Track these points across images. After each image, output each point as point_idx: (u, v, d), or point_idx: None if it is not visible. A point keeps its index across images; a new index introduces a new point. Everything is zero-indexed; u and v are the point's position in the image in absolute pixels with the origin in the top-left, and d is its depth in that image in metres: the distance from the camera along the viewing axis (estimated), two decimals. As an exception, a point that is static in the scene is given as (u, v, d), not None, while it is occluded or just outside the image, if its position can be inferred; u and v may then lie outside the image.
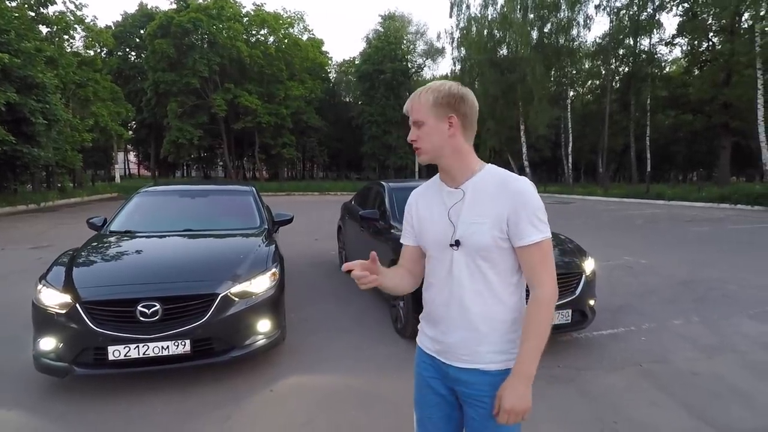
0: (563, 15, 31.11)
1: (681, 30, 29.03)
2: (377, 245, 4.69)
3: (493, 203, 1.19)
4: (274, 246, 3.75)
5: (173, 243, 3.80)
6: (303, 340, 3.81)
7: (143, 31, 38.18)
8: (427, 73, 47.00)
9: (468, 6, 33.32)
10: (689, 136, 35.83)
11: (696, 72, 30.08)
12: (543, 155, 38.45)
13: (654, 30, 30.53)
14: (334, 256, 7.38)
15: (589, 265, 3.82)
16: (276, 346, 3.28)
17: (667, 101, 31.86)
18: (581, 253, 3.93)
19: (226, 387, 2.97)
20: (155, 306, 2.78)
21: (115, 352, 2.71)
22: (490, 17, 32.33)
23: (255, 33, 40.14)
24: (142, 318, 2.76)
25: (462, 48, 33.65)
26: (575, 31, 31.59)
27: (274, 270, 3.34)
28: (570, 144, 32.85)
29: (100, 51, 32.91)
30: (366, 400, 2.85)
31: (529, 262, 1.20)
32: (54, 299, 2.82)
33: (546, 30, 31.92)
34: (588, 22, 31.62)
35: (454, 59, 35.18)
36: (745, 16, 24.50)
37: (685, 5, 28.09)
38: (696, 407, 2.75)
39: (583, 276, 3.67)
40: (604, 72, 34.03)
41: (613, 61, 33.04)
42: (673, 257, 7.38)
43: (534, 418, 2.55)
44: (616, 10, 31.02)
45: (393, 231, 4.44)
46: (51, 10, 21.42)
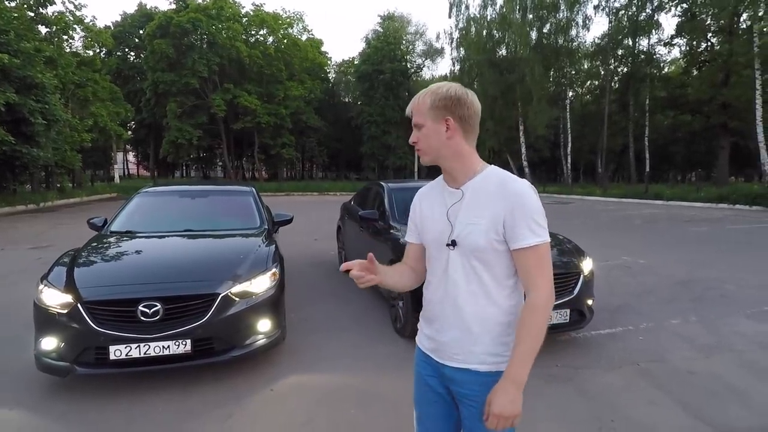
0: (562, 15, 31.20)
1: (680, 30, 29.08)
2: (377, 245, 4.70)
3: (491, 205, 1.19)
4: (274, 246, 3.77)
5: (174, 243, 3.81)
6: (303, 339, 3.83)
7: (142, 32, 38.18)
8: (427, 74, 47.12)
9: (467, 6, 33.49)
10: (688, 136, 35.85)
11: (695, 72, 30.13)
12: (542, 155, 38.54)
13: (653, 30, 30.59)
14: (333, 256, 7.39)
15: (587, 265, 3.85)
16: (276, 345, 3.29)
17: (666, 101, 31.89)
18: (579, 253, 3.96)
19: (226, 386, 2.99)
20: (156, 306, 2.80)
21: (117, 351, 2.73)
22: (489, 17, 32.44)
23: (254, 33, 40.17)
24: (143, 318, 2.78)
25: (461, 48, 33.73)
26: (574, 32, 31.75)
27: (274, 270, 3.35)
28: (569, 144, 32.90)
29: (99, 51, 32.86)
30: (365, 398, 2.87)
31: (525, 265, 1.18)
32: (55, 299, 2.84)
33: (545, 30, 32.00)
34: (587, 22, 31.77)
35: (453, 59, 35.34)
36: (744, 16, 24.56)
37: (684, 6, 28.13)
38: (693, 406, 2.77)
39: (581, 276, 3.69)
40: (603, 72, 34.07)
41: (612, 62, 33.09)
42: (672, 257, 7.41)
43: (532, 416, 2.58)
44: (614, 10, 31.13)
45: (392, 231, 4.46)
46: (50, 10, 21.44)
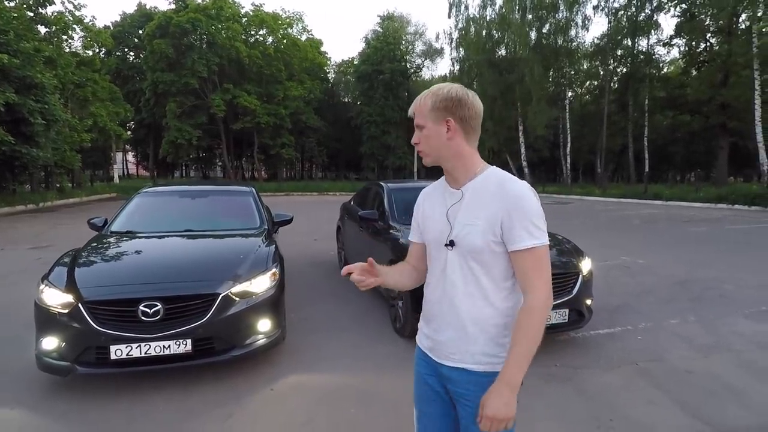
0: (561, 16, 31.20)
1: (679, 31, 29.11)
2: (376, 245, 4.71)
3: (489, 206, 1.19)
4: (274, 246, 3.78)
5: (174, 243, 3.82)
6: (303, 339, 3.84)
7: (142, 32, 38.17)
8: (426, 74, 47.19)
9: (467, 6, 33.54)
10: (687, 136, 35.88)
11: (694, 73, 30.15)
12: (541, 155, 38.57)
13: (652, 31, 30.63)
14: (333, 256, 7.40)
15: (586, 265, 3.86)
16: (276, 345, 3.30)
17: (665, 102, 31.92)
18: (578, 253, 3.97)
19: (227, 386, 3.00)
20: (157, 306, 2.81)
21: (117, 351, 2.74)
22: (488, 18, 32.49)
23: (254, 33, 40.16)
24: (143, 318, 2.79)
25: (461, 48, 33.80)
26: (573, 32, 31.74)
27: (274, 270, 3.36)
28: (568, 144, 32.92)
29: (98, 51, 32.85)
30: (365, 398, 2.88)
31: (522, 267, 1.18)
32: (56, 299, 2.85)
33: (544, 31, 31.99)
34: (586, 22, 31.75)
35: (452, 60, 35.40)
36: (743, 16, 24.58)
37: (683, 6, 28.15)
38: (691, 405, 2.78)
39: (580, 276, 3.71)
40: (602, 72, 34.12)
41: (611, 62, 33.14)
42: (671, 257, 7.43)
43: (531, 416, 2.60)
44: (614, 10, 31.18)
45: (392, 231, 4.47)
46: (49, 10, 21.46)
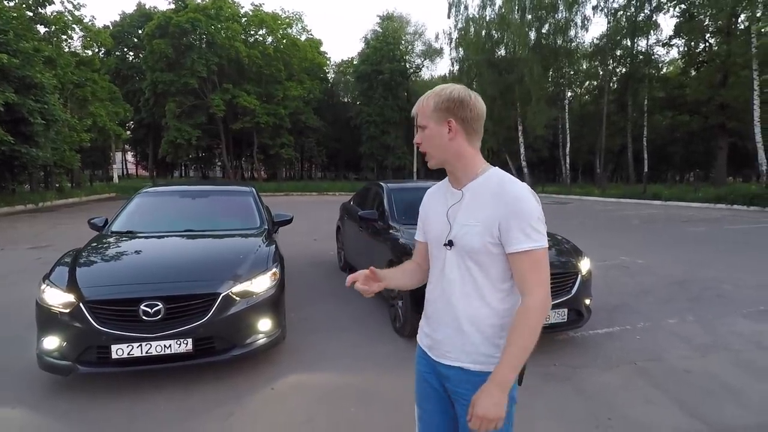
0: (561, 16, 31.24)
1: (678, 31, 29.16)
2: (376, 245, 4.73)
3: (488, 207, 1.20)
4: (274, 246, 3.79)
5: (175, 243, 3.83)
6: (303, 339, 3.85)
7: (141, 31, 38.17)
8: (426, 74, 47.20)
9: (466, 7, 33.56)
10: (686, 136, 35.92)
11: (693, 73, 30.19)
12: (541, 156, 38.61)
13: (651, 31, 30.65)
14: (333, 256, 7.41)
15: (585, 265, 3.88)
16: (276, 345, 3.31)
17: (664, 102, 31.96)
18: (577, 253, 3.99)
19: (227, 385, 3.01)
20: (158, 305, 2.82)
21: (119, 350, 2.75)
22: (488, 18, 32.51)
23: (253, 33, 40.16)
24: (144, 317, 2.80)
25: (460, 48, 33.81)
26: (573, 32, 31.78)
27: (274, 270, 3.38)
28: (568, 144, 32.95)
29: (98, 51, 32.79)
30: (365, 397, 2.90)
31: (519, 269, 1.18)
32: (58, 299, 2.86)
33: (544, 31, 32.03)
34: (585, 23, 31.75)
35: (452, 60, 35.40)
36: (742, 17, 24.65)
37: (682, 6, 28.19)
38: (689, 404, 2.80)
39: (579, 276, 3.72)
40: (601, 73, 34.14)
41: (611, 62, 33.16)
42: (670, 257, 7.45)
43: (530, 415, 2.61)
44: (613, 11, 31.19)
45: (392, 231, 4.48)
46: (49, 10, 21.43)
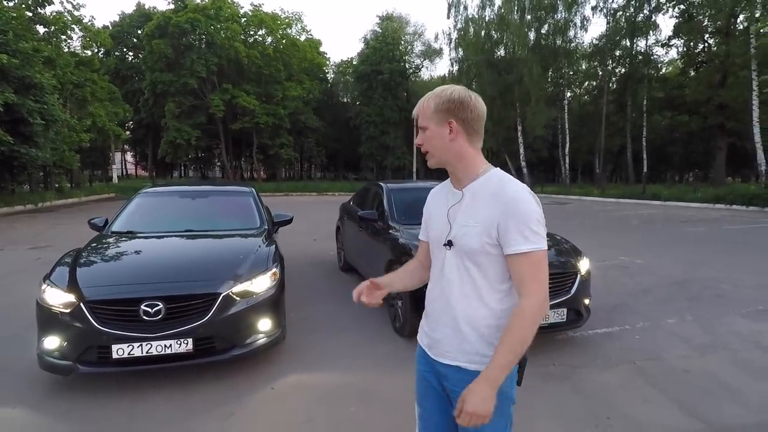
0: (560, 16, 31.27)
1: (677, 31, 29.23)
2: (375, 245, 4.74)
3: (487, 208, 1.20)
4: (274, 246, 3.80)
5: (175, 243, 3.84)
6: (303, 339, 3.85)
7: (141, 32, 38.18)
8: (425, 74, 47.20)
9: (465, 7, 33.57)
10: (685, 136, 35.96)
11: (692, 73, 30.26)
12: (540, 156, 38.60)
13: (650, 31, 30.72)
14: (332, 256, 7.42)
15: (584, 265, 3.89)
16: (276, 344, 3.32)
17: (664, 102, 32.02)
18: (576, 253, 4.00)
19: (227, 385, 3.02)
20: (158, 305, 2.82)
21: (119, 350, 2.75)
22: (487, 18, 32.53)
23: (253, 33, 40.15)
24: (145, 317, 2.80)
25: (459, 49, 33.84)
26: (572, 33, 31.82)
27: (274, 270, 3.38)
28: (567, 145, 32.99)
29: (97, 51, 32.83)
30: (365, 397, 2.90)
31: (518, 271, 1.18)
32: (58, 298, 2.86)
33: (543, 31, 32.07)
34: (585, 23, 31.76)
35: (451, 60, 35.45)
36: (741, 17, 24.70)
37: (681, 7, 28.25)
38: (688, 404, 2.81)
39: (578, 275, 3.73)
40: (600, 73, 34.21)
41: (610, 62, 33.22)
42: (669, 257, 7.46)
43: (530, 414, 2.62)
44: (612, 11, 31.27)
45: (391, 231, 4.48)
46: (48, 10, 21.44)
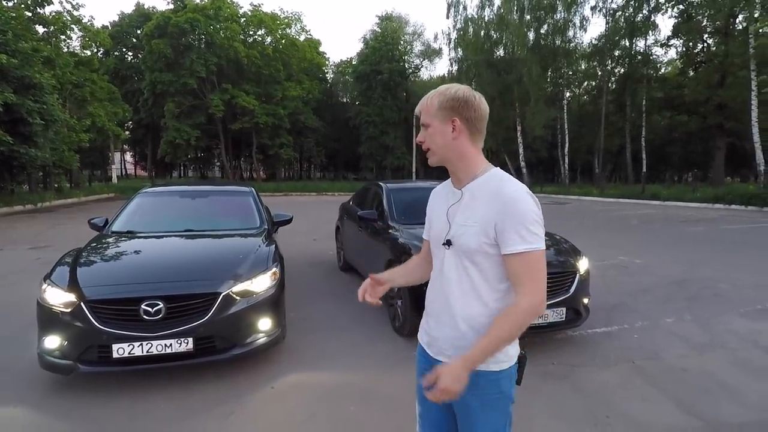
0: (559, 16, 31.29)
1: (676, 31, 29.27)
2: (375, 245, 4.75)
3: (485, 208, 1.21)
4: (274, 246, 3.81)
5: (175, 243, 3.85)
6: (303, 338, 3.86)
7: (140, 32, 38.14)
8: (425, 74, 47.23)
9: (465, 7, 33.58)
10: (684, 136, 35.99)
11: (691, 73, 30.31)
12: (540, 156, 38.60)
13: (649, 31, 30.76)
14: (332, 256, 7.43)
15: (583, 265, 3.90)
16: (276, 344, 3.33)
17: (663, 102, 32.07)
18: (576, 253, 4.01)
19: (227, 384, 3.03)
20: (158, 305, 2.83)
21: (119, 349, 2.76)
22: (486, 18, 32.53)
23: (252, 33, 40.16)
24: (145, 316, 2.81)
25: (459, 49, 33.85)
26: (571, 33, 31.84)
27: (274, 269, 3.39)
28: (566, 145, 33.00)
29: (97, 51, 32.80)
30: (365, 396, 2.91)
31: (515, 271, 1.18)
32: (59, 298, 2.87)
33: (542, 31, 32.09)
34: (584, 23, 31.80)
35: (451, 60, 35.47)
36: (740, 17, 24.73)
37: (680, 7, 28.29)
38: (686, 402, 2.82)
39: (577, 275, 3.75)
40: (600, 73, 34.25)
41: (609, 62, 33.26)
42: (668, 257, 7.48)
43: (529, 413, 2.63)
44: (611, 11, 31.30)
45: (391, 231, 4.49)
46: (48, 10, 21.37)
